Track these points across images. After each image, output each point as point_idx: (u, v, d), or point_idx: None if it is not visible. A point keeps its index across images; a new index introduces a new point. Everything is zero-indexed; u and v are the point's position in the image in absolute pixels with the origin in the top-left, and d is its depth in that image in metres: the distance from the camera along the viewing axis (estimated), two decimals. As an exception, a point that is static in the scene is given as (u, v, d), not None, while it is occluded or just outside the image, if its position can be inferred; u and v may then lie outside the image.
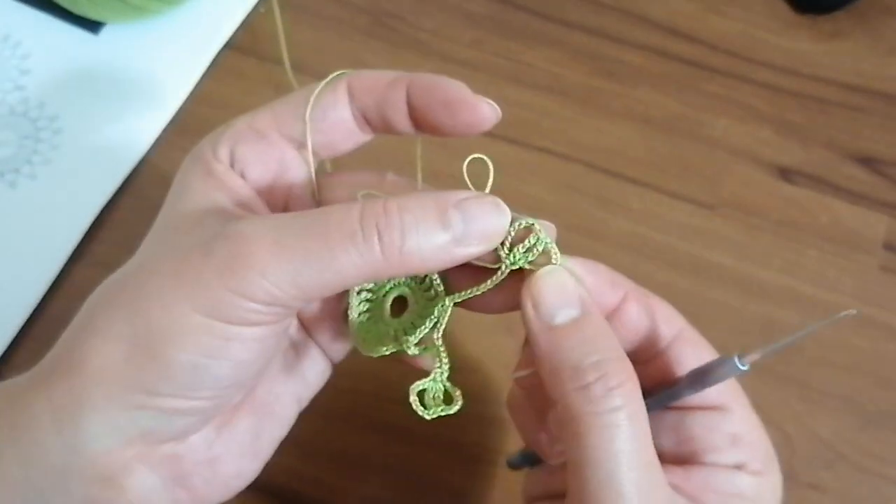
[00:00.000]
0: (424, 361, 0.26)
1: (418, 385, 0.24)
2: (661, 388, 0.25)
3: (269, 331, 0.21)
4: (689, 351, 0.25)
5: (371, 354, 0.25)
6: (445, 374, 0.24)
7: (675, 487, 0.23)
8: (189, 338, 0.20)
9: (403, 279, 0.26)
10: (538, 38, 0.47)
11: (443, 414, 0.23)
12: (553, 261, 0.23)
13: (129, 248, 0.24)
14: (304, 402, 0.27)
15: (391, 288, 0.26)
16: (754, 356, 0.22)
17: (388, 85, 0.24)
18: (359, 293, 0.26)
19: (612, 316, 0.24)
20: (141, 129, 0.43)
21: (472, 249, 0.21)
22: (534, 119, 0.44)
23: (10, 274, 0.39)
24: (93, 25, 0.45)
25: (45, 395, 0.21)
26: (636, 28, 0.47)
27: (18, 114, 0.43)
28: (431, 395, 0.24)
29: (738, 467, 0.24)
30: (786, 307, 0.40)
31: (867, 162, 0.44)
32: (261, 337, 0.21)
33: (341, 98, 0.24)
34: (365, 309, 0.26)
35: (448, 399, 0.24)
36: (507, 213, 0.22)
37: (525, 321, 0.22)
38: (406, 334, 0.24)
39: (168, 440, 0.22)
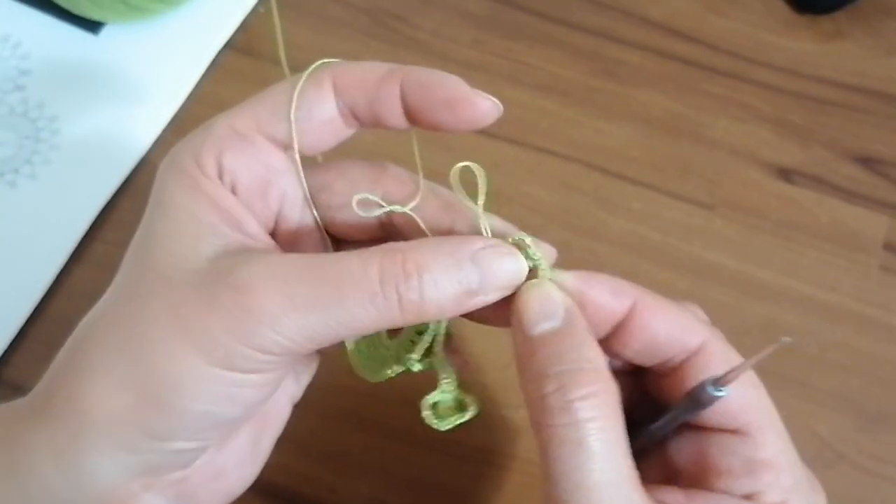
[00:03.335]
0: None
1: (430, 398, 0.23)
2: (672, 405, 0.24)
3: (279, 373, 0.22)
4: (709, 363, 0.23)
5: (376, 380, 0.25)
6: (454, 384, 0.24)
7: None
8: (201, 388, 0.20)
9: None
10: (538, 38, 0.47)
11: (458, 423, 0.23)
12: (542, 276, 0.22)
13: (128, 248, 0.24)
14: (298, 398, 0.26)
15: None
16: (731, 378, 0.22)
17: (379, 81, 0.23)
18: None
19: (619, 326, 0.24)
20: (141, 129, 0.43)
21: (487, 298, 0.21)
22: (533, 119, 0.44)
23: (10, 274, 0.39)
24: (93, 25, 0.45)
25: (46, 437, 0.21)
26: (636, 28, 0.47)
27: (18, 114, 0.43)
28: (444, 407, 0.24)
29: (750, 497, 0.22)
30: (786, 307, 0.40)
31: (867, 162, 0.44)
32: (272, 381, 0.21)
33: (326, 95, 0.23)
34: (361, 337, 0.26)
35: (461, 407, 0.24)
36: (524, 263, 0.22)
37: (512, 332, 0.22)
38: (407, 352, 0.24)
39: (175, 471, 0.22)
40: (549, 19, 0.47)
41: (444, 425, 0.23)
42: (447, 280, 0.21)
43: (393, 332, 0.26)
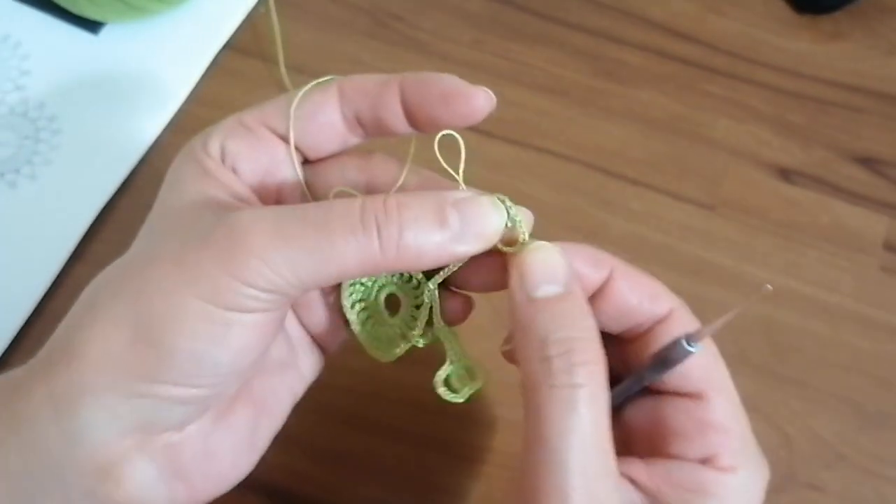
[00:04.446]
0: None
1: (441, 373, 0.24)
2: (637, 369, 0.25)
3: (268, 318, 0.22)
4: (676, 328, 0.24)
5: (388, 359, 0.26)
6: (459, 352, 0.25)
7: (635, 482, 0.23)
8: (189, 324, 0.21)
9: (389, 277, 0.26)
10: (538, 38, 0.47)
11: (472, 392, 0.24)
12: (521, 240, 0.23)
13: (129, 247, 0.24)
14: (299, 395, 0.27)
15: (380, 289, 0.27)
16: (705, 334, 0.22)
17: (379, 85, 0.24)
18: (352, 307, 0.26)
19: (597, 293, 0.24)
20: (141, 130, 0.43)
21: (468, 247, 0.22)
22: (533, 119, 0.44)
23: (10, 274, 0.39)
24: (93, 25, 0.45)
25: (45, 383, 0.21)
26: (636, 28, 0.47)
27: (18, 114, 0.43)
28: (456, 378, 0.24)
29: (705, 460, 0.23)
30: (786, 307, 0.40)
31: (867, 162, 0.44)
32: (260, 323, 0.22)
33: (331, 100, 0.25)
34: (365, 317, 0.26)
35: (472, 375, 0.24)
36: (504, 215, 0.22)
37: (510, 292, 0.23)
38: (410, 329, 0.25)
39: (166, 430, 0.22)
40: (550, 19, 0.47)
41: (460, 398, 0.24)
42: (427, 221, 0.21)
43: (394, 310, 0.27)
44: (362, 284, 0.26)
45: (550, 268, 0.22)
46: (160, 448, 0.22)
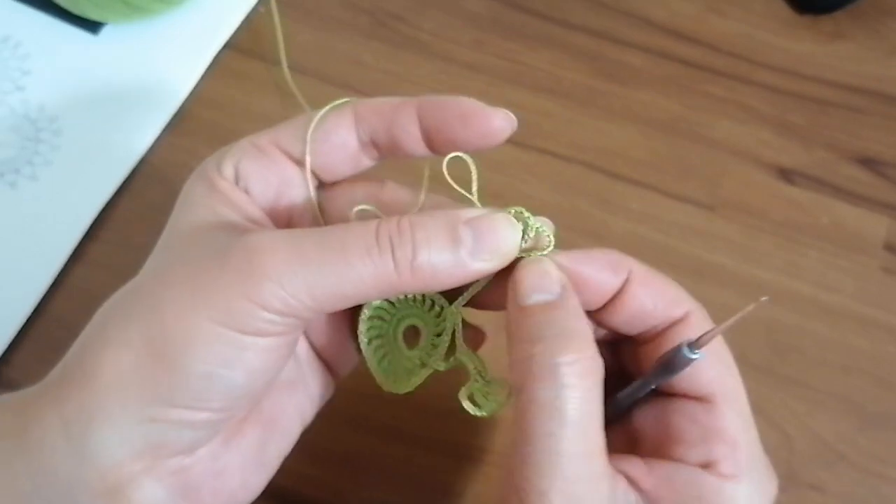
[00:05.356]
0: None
1: (465, 390, 0.24)
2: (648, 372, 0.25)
3: (282, 341, 0.22)
4: (691, 332, 0.24)
5: (405, 391, 0.26)
6: (485, 372, 0.25)
7: (634, 482, 0.23)
8: (203, 347, 0.20)
9: (411, 308, 0.26)
10: (539, 39, 0.47)
11: (497, 408, 0.24)
12: (547, 245, 0.23)
13: (129, 248, 0.24)
14: (308, 418, 0.27)
15: (399, 321, 0.27)
16: (706, 340, 0.22)
17: (396, 106, 0.24)
18: (369, 343, 0.26)
19: (614, 297, 0.24)
20: (141, 130, 0.42)
21: (483, 265, 0.22)
22: (534, 120, 0.44)
23: (10, 274, 0.39)
24: (93, 25, 0.45)
25: (57, 405, 0.21)
26: (637, 29, 0.47)
27: (19, 115, 0.42)
28: (480, 394, 0.24)
29: (706, 466, 0.23)
30: (786, 308, 0.40)
31: (868, 163, 0.44)
32: (274, 347, 0.22)
33: (345, 122, 0.25)
34: (381, 355, 0.26)
35: (497, 392, 0.24)
36: (518, 230, 0.22)
37: (507, 305, 0.23)
38: (430, 357, 0.25)
39: (177, 454, 0.22)
40: (551, 20, 0.47)
41: (484, 412, 0.24)
42: (440, 239, 0.21)
43: (412, 342, 0.27)
44: (381, 319, 0.26)
45: (541, 278, 0.22)
46: (170, 471, 0.22)
